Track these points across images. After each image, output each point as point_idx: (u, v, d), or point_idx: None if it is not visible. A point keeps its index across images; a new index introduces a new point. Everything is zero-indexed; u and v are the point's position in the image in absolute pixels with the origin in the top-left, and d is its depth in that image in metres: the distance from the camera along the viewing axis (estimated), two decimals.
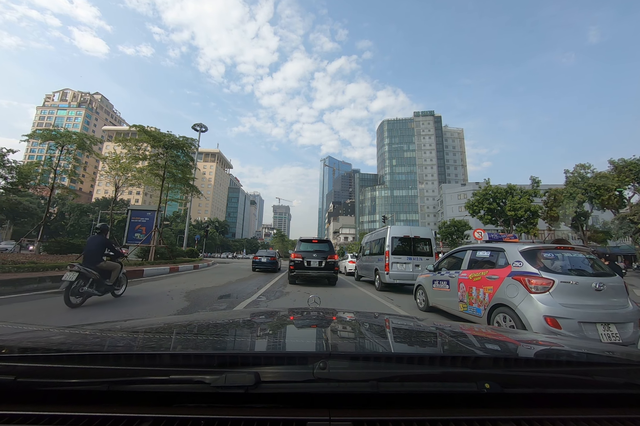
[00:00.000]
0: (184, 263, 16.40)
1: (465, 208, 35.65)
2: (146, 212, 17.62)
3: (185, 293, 6.83)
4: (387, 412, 0.66)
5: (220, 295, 6.97)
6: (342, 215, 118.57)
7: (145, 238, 16.14)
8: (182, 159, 15.67)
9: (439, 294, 5.37)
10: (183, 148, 15.40)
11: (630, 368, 0.85)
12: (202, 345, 0.96)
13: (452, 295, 4.86)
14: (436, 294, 5.50)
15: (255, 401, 0.67)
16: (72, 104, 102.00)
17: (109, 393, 0.66)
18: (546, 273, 3.49)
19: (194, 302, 5.88)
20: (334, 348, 0.99)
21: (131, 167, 13.82)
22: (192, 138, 15.56)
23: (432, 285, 5.61)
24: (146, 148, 15.07)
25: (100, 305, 5.22)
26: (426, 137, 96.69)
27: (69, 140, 14.61)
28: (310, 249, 10.46)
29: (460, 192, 65.40)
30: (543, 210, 31.46)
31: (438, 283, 5.42)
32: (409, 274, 9.13)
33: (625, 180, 26.85)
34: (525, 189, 31.60)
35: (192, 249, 27.44)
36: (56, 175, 15.22)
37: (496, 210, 32.01)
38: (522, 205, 29.89)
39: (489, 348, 1.16)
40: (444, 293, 5.16)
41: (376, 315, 1.98)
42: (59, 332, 1.08)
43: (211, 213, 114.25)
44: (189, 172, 16.43)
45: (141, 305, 5.47)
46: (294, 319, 1.60)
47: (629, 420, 0.67)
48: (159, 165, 14.57)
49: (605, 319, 3.17)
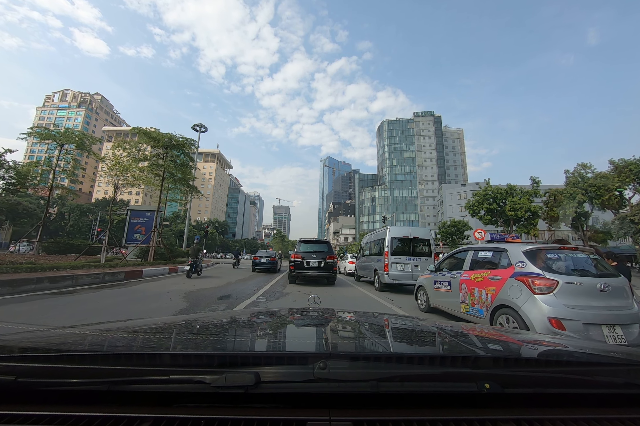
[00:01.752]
0: (183, 263, 16.37)
1: (465, 208, 35.51)
2: (145, 213, 17.58)
3: (184, 294, 6.78)
4: (387, 412, 0.65)
5: (219, 295, 6.92)
6: (342, 216, 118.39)
7: (144, 239, 16.09)
8: (182, 159, 15.62)
9: (440, 295, 5.32)
10: (183, 149, 15.35)
11: (631, 368, 0.85)
12: (202, 345, 0.96)
13: (454, 296, 4.80)
14: (437, 295, 5.44)
15: (255, 401, 0.67)
16: (72, 105, 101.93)
17: (109, 393, 0.66)
18: (550, 273, 3.43)
19: (193, 302, 5.83)
20: (334, 348, 0.98)
21: (131, 167, 13.72)
22: (191, 138, 15.52)
23: (434, 285, 5.55)
24: (145, 149, 15.01)
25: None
26: (426, 137, 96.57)
27: (67, 140, 14.54)
28: (310, 250, 10.69)
29: (460, 192, 65.28)
30: (543, 210, 31.29)
31: (439, 283, 5.36)
32: (408, 274, 9.18)
33: (625, 181, 26.67)
34: (526, 189, 31.48)
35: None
36: (55, 176, 15.15)
37: (496, 210, 31.86)
38: (522, 206, 29.72)
39: (489, 348, 1.16)
40: (446, 294, 5.09)
41: (376, 315, 1.98)
42: (59, 332, 1.08)
43: (211, 213, 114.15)
44: (188, 172, 16.36)
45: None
46: (294, 319, 1.60)
47: (629, 420, 0.66)
48: (159, 166, 14.51)
49: (611, 320, 3.12)
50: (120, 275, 8.99)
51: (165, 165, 14.35)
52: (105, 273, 8.46)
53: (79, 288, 6.86)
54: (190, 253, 11.50)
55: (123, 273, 9.14)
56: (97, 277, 7.98)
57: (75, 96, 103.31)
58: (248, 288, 8.71)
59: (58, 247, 14.80)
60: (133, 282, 8.73)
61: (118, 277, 8.87)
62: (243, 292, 7.85)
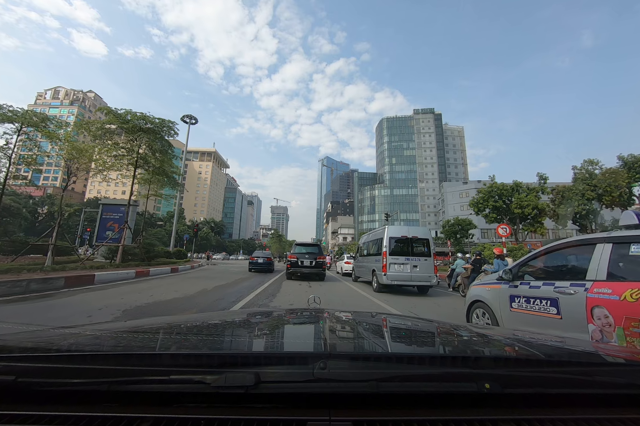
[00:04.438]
0: (162, 265, 14.29)
1: (470, 206, 34.23)
2: (119, 207, 15.51)
3: (122, 312, 4.74)
4: (387, 412, 0.65)
5: (173, 314, 4.89)
6: (340, 215, 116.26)
7: (116, 237, 13.99)
8: (158, 145, 13.46)
9: (530, 322, 3.20)
10: (161, 133, 13.21)
11: (630, 368, 0.85)
12: (202, 345, 0.96)
13: (569, 328, 2.75)
14: (522, 321, 3.32)
15: (255, 402, 0.66)
16: (65, 102, 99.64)
17: (109, 393, 0.65)
18: None
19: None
20: (334, 348, 0.98)
21: (88, 151, 11.47)
22: (170, 120, 13.35)
23: (510, 304, 3.48)
24: (115, 132, 12.86)
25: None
26: (426, 134, 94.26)
27: (26, 122, 12.42)
28: (304, 251, 12.71)
29: (462, 190, 63.62)
30: (550, 207, 29.93)
31: (525, 301, 3.29)
32: (407, 275, 9.06)
33: (635, 177, 25.85)
34: (532, 186, 30.24)
35: (180, 250, 25.54)
36: (11, 165, 13.03)
37: (502, 208, 30.46)
38: (530, 203, 28.37)
39: (489, 348, 1.14)
40: (545, 322, 3.00)
41: (375, 315, 1.97)
42: (59, 332, 1.08)
43: (207, 213, 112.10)
44: (168, 161, 14.26)
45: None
46: (294, 319, 1.62)
47: (629, 420, 0.66)
48: (129, 150, 12.38)
49: None
50: (57, 283, 6.87)
51: (136, 150, 12.21)
52: (32, 280, 6.36)
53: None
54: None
55: (62, 280, 7.02)
56: (16, 286, 5.91)
57: (67, 93, 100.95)
58: (224, 299, 6.67)
59: (13, 246, 12.67)
60: (73, 291, 6.65)
61: (53, 284, 6.75)
62: (212, 306, 5.80)
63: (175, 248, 25.92)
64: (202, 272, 14.59)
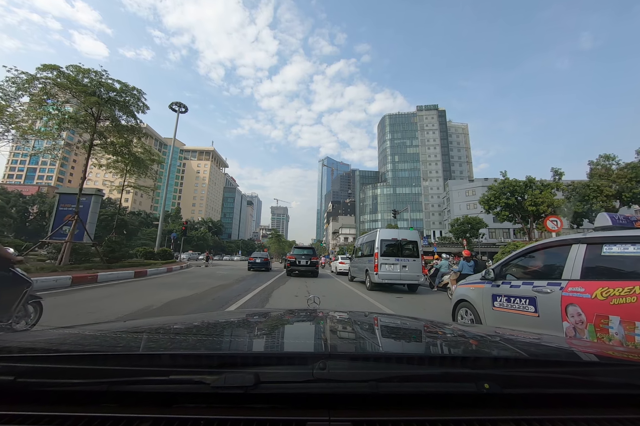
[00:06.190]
0: (128, 268, 11.85)
1: (480, 203, 32.03)
2: (81, 198, 13.04)
3: None
4: (387, 412, 0.65)
5: None
6: (341, 215, 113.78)
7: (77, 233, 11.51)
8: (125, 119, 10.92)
9: (510, 320, 3.19)
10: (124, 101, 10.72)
11: (630, 368, 0.85)
12: (201, 346, 0.96)
13: (545, 325, 2.80)
14: (502, 319, 3.33)
15: (255, 402, 0.66)
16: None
17: (108, 394, 0.65)
18: None
19: None
20: (334, 349, 0.97)
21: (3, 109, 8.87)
22: (134, 86, 10.87)
23: (492, 302, 3.48)
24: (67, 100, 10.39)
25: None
26: (430, 132, 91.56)
27: None
28: (301, 253, 15.46)
29: (468, 188, 61.11)
30: (566, 205, 27.96)
31: (506, 300, 3.31)
32: (397, 274, 9.84)
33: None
34: (547, 182, 28.09)
35: (167, 250, 23.34)
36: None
37: (514, 205, 28.24)
38: (545, 200, 26.11)
39: (489, 348, 1.13)
40: (523, 320, 3.02)
41: (375, 315, 1.98)
42: (59, 332, 1.08)
43: (205, 213, 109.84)
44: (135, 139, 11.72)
45: None
46: (293, 319, 1.61)
47: (628, 420, 0.66)
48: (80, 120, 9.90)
49: None
50: None
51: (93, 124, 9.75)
52: None
53: None
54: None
55: None
56: None
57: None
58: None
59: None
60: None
61: None
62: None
63: (161, 248, 23.64)
64: (175, 277, 12.08)
